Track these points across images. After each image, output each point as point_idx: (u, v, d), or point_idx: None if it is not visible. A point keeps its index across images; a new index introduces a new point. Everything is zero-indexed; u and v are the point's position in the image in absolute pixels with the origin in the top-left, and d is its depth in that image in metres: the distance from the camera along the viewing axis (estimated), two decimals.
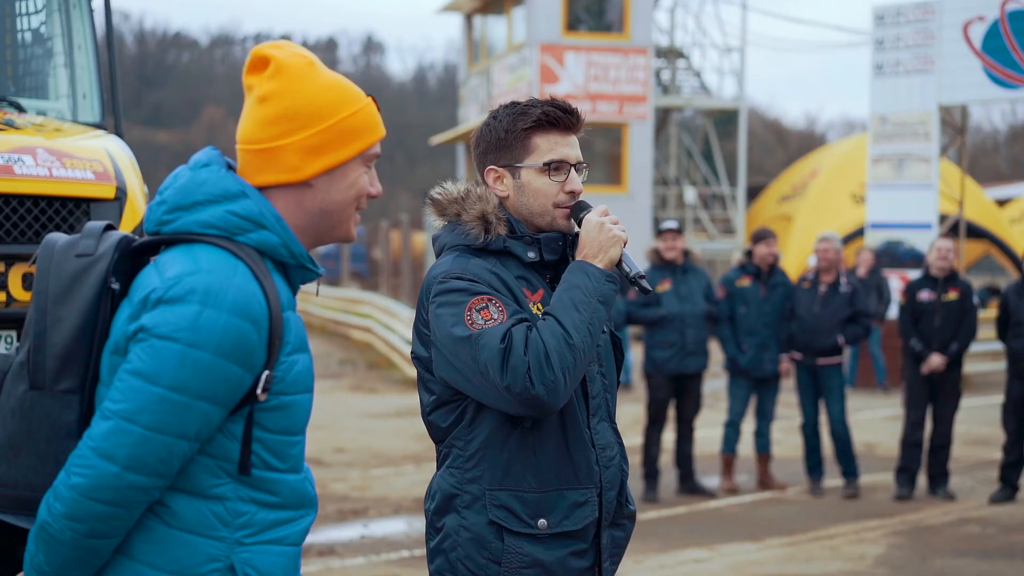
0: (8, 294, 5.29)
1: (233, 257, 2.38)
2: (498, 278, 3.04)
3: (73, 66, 6.51)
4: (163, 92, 61.17)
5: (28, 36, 6.64)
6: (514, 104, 3.16)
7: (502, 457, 3.03)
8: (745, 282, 10.57)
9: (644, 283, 3.08)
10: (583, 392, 3.10)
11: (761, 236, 10.79)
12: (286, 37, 73.52)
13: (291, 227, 2.47)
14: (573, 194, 3.11)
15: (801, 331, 10.55)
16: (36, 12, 6.61)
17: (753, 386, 10.64)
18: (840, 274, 10.64)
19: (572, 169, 3.11)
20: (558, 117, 3.10)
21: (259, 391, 2.36)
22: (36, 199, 5.34)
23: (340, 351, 22.63)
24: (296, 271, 2.50)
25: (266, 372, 2.36)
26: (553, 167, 3.09)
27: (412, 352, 3.13)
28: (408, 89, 68.73)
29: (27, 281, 5.30)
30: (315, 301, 28.19)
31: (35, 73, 6.62)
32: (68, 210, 5.40)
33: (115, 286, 2.42)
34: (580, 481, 3.08)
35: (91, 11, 6.63)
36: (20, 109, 6.08)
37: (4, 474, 2.40)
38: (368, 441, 12.77)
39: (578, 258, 3.06)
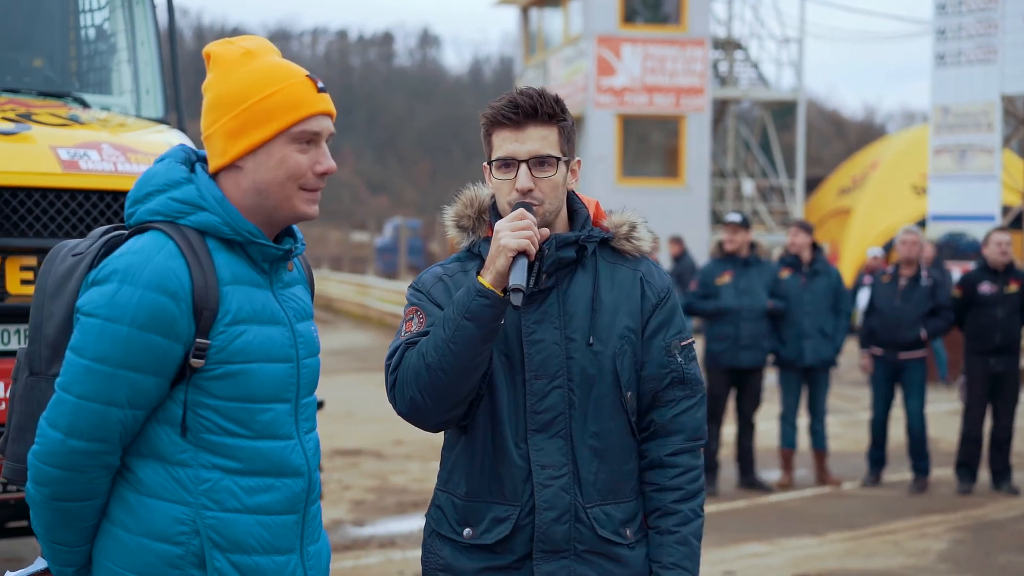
0: None
1: (165, 237, 2.55)
2: (444, 287, 3.00)
3: (136, 62, 6.57)
4: None
5: (91, 32, 6.71)
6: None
7: (449, 460, 3.08)
8: (785, 273, 10.50)
9: (514, 297, 2.78)
10: (522, 406, 2.95)
11: (795, 226, 10.80)
12: (342, 32, 73.86)
13: (239, 207, 2.61)
14: (521, 192, 2.93)
15: (882, 325, 10.43)
16: (99, 8, 6.68)
17: (801, 379, 10.55)
18: (921, 267, 10.52)
19: (523, 166, 2.92)
20: (505, 115, 2.94)
21: (191, 359, 2.52)
22: (101, 194, 5.39)
23: None
24: (254, 248, 2.62)
25: (197, 340, 2.51)
26: (497, 165, 2.97)
27: None
28: (464, 82, 68.87)
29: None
30: (373, 294, 28.33)
31: (99, 69, 6.69)
32: None
33: None
34: (506, 497, 2.97)
35: (153, 7, 6.69)
36: (84, 105, 6.14)
37: (15, 451, 2.67)
38: (427, 433, 12.79)
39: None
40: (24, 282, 5.26)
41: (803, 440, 11.32)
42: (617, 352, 2.98)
